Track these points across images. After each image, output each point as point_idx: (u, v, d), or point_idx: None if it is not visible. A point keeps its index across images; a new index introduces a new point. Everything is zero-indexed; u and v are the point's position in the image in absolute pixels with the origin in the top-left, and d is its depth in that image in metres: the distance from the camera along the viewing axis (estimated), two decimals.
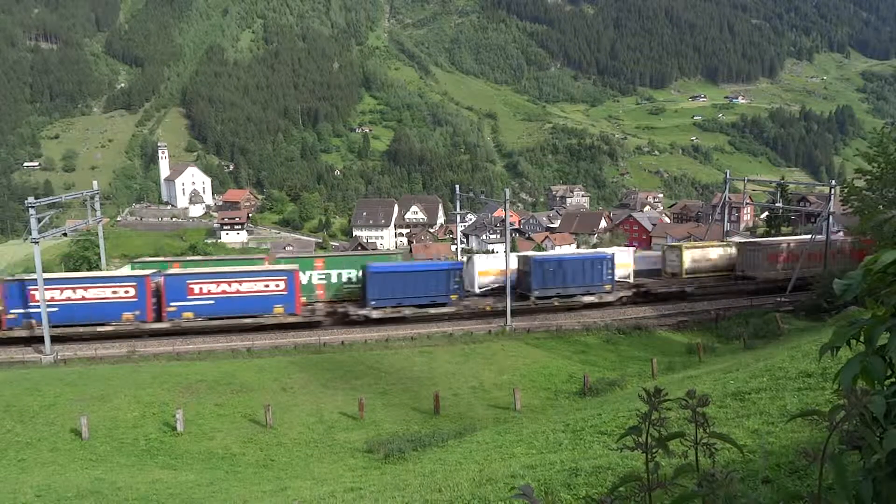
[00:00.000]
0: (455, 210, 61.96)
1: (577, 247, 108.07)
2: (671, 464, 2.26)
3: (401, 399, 27.39)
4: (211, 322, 36.87)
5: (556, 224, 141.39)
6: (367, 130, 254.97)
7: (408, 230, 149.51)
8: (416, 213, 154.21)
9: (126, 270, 41.63)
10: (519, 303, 40.66)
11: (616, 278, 43.34)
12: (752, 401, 10.40)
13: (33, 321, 35.22)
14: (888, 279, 2.23)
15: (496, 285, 42.17)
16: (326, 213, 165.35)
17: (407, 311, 39.31)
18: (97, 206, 45.25)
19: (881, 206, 32.36)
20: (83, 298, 35.66)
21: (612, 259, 43.16)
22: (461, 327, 38.41)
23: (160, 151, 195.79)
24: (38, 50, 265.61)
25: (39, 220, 35.55)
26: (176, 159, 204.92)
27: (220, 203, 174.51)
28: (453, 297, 40.25)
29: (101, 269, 46.09)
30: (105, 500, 15.72)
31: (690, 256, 46.94)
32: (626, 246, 66.07)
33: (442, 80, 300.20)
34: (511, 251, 41.77)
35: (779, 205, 67.55)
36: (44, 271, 35.53)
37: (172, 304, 36.34)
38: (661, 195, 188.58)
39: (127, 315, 35.91)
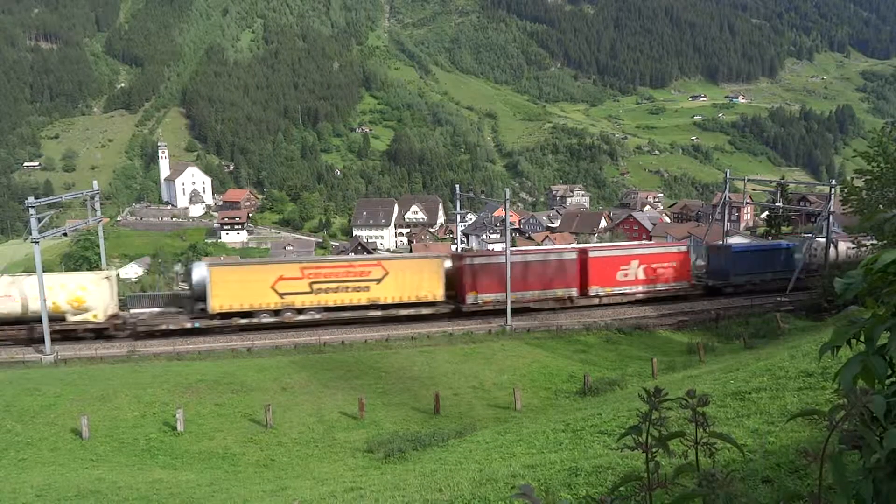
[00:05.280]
0: (455, 210, 62.04)
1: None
2: (671, 463, 2.26)
3: (401, 399, 27.40)
4: None
5: (557, 224, 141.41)
6: (367, 130, 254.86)
7: (408, 230, 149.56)
8: (416, 213, 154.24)
9: None
10: None
11: None
12: (752, 400, 10.40)
13: None
14: (888, 278, 2.23)
15: None
16: (326, 212, 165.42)
17: None
18: (97, 205, 45.23)
19: (881, 206, 32.35)
20: None
21: None
22: (461, 327, 38.43)
23: (160, 151, 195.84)
24: (38, 50, 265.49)
25: (39, 220, 35.56)
26: (176, 159, 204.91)
27: (221, 203, 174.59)
28: None
29: (100, 269, 46.16)
30: (105, 499, 15.73)
31: None
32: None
33: (442, 80, 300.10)
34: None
35: (779, 204, 67.56)
36: (44, 271, 35.52)
37: None
38: (661, 195, 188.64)
39: None
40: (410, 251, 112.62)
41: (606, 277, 42.09)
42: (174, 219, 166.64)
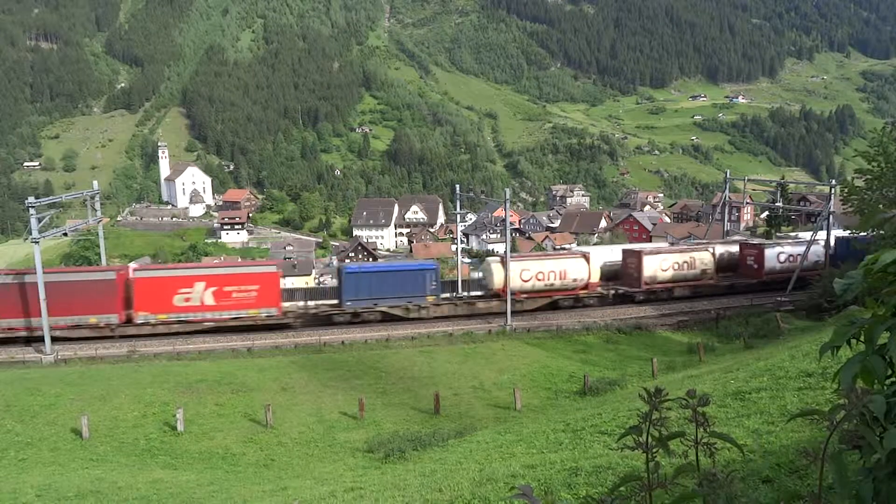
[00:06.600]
0: (455, 210, 61.98)
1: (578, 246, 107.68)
2: (672, 463, 2.26)
3: (401, 399, 27.40)
4: None
5: (557, 224, 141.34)
6: (367, 130, 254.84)
7: (408, 230, 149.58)
8: (416, 213, 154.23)
9: None
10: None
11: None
12: (752, 400, 10.40)
13: None
14: (888, 279, 2.23)
15: None
16: (327, 212, 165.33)
17: None
18: (97, 205, 45.28)
19: (881, 206, 32.32)
20: None
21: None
22: (461, 327, 38.42)
23: (160, 151, 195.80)
24: (38, 50, 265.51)
25: (40, 220, 35.57)
26: (176, 159, 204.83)
27: (221, 203, 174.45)
28: None
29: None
30: (105, 499, 15.72)
31: None
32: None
33: (442, 80, 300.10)
34: (512, 251, 41.72)
35: (779, 204, 67.63)
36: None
37: None
38: (661, 195, 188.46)
39: None
40: (411, 251, 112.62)
41: (160, 302, 36.59)
42: (174, 219, 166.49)
